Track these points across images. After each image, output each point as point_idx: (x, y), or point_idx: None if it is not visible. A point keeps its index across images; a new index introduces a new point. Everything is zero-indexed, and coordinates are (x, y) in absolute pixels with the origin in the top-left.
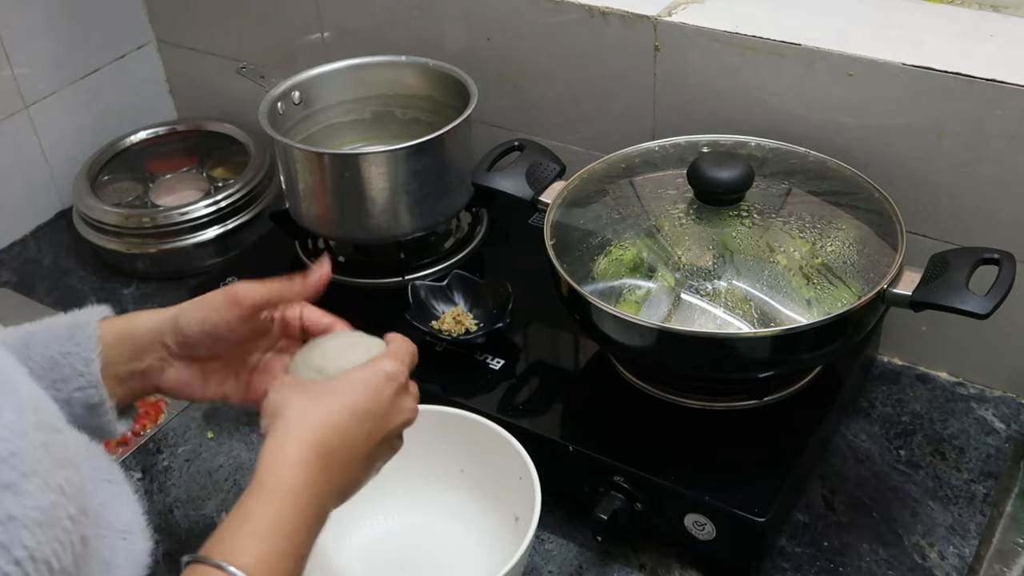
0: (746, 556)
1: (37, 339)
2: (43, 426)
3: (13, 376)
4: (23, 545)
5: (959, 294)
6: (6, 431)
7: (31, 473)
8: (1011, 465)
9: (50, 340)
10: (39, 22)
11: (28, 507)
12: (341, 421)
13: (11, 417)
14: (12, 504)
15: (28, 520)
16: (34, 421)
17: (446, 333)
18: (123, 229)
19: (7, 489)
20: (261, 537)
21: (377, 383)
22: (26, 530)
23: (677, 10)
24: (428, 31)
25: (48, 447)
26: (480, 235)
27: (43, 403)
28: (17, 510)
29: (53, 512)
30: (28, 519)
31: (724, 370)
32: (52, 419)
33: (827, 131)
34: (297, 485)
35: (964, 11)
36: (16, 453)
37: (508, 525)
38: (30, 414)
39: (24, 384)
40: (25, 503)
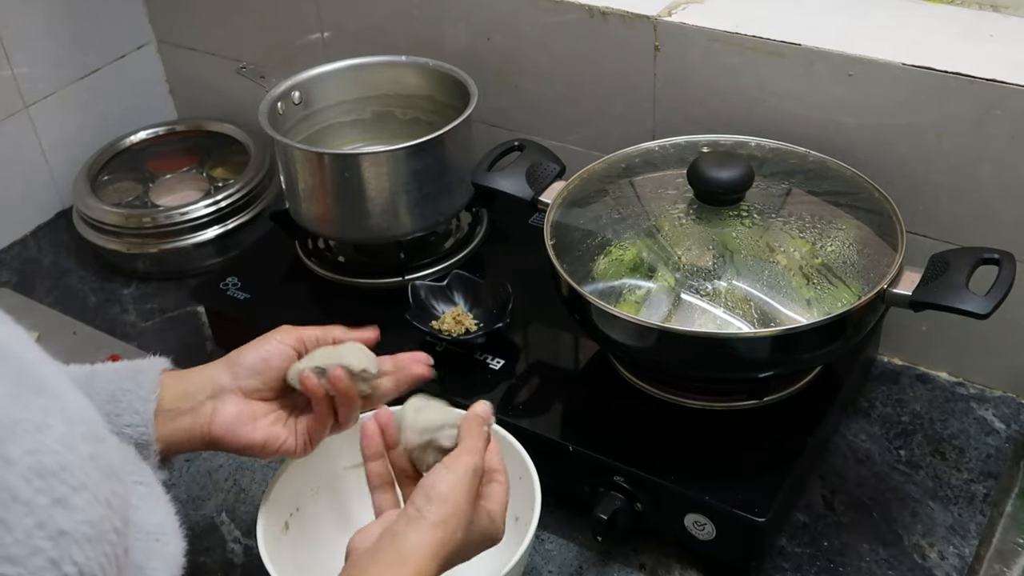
0: (746, 556)
1: (102, 375)
2: (90, 437)
3: (59, 386)
4: (73, 561)
5: (959, 294)
6: (56, 444)
7: (81, 487)
8: (1011, 465)
9: (114, 376)
10: (39, 22)
11: (79, 522)
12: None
13: (61, 429)
14: (63, 519)
15: (78, 535)
16: (82, 432)
17: (446, 333)
18: (123, 229)
19: (58, 504)
20: None
21: (467, 489)
22: (76, 545)
23: (677, 10)
24: (428, 31)
25: (96, 459)
26: (480, 235)
27: (88, 413)
28: (68, 525)
29: (101, 526)
30: (78, 534)
31: (724, 370)
32: (97, 429)
33: (827, 131)
34: None
35: (964, 11)
36: (66, 466)
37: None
38: (78, 424)
39: (70, 394)
40: (76, 518)
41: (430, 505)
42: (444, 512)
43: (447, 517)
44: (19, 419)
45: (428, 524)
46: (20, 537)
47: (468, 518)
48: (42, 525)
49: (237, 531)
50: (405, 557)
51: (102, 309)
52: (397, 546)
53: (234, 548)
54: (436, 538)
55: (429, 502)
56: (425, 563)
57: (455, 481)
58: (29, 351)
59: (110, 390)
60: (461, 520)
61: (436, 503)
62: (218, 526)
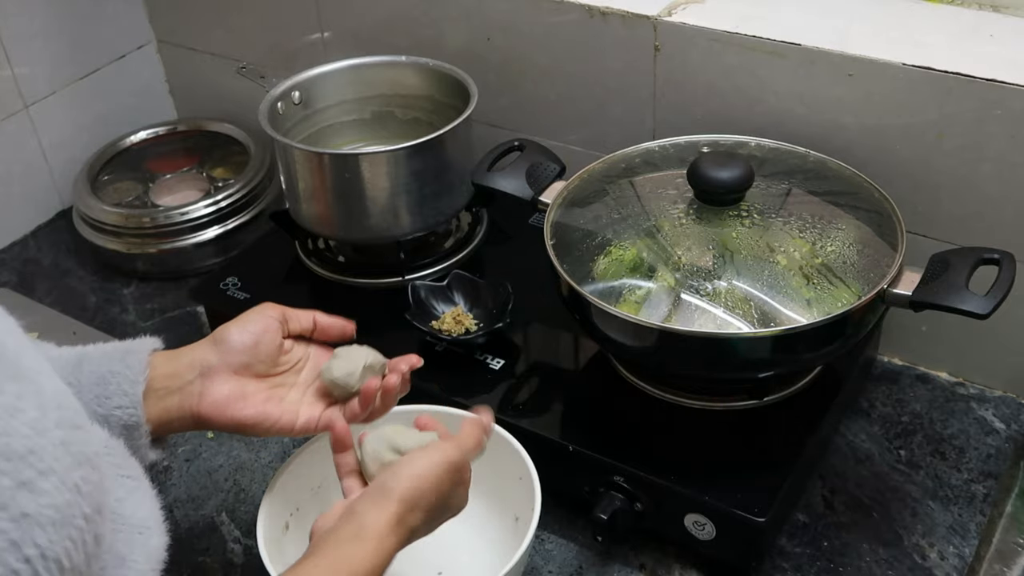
0: (746, 556)
1: (90, 357)
2: (64, 423)
3: (38, 372)
4: (35, 543)
5: (959, 294)
6: (27, 428)
7: (48, 471)
8: (1011, 465)
9: (102, 359)
10: (39, 22)
11: (43, 505)
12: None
13: (33, 414)
14: (27, 502)
15: (42, 518)
16: (55, 418)
17: (446, 333)
18: (123, 229)
19: (23, 487)
20: None
21: (438, 475)
22: (39, 528)
23: (677, 10)
24: (428, 31)
25: (67, 445)
26: (480, 235)
27: (66, 399)
28: (32, 508)
29: (68, 511)
30: (42, 517)
31: (724, 370)
32: (73, 415)
33: (827, 131)
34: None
35: (964, 11)
36: (35, 451)
37: (508, 525)
38: (52, 411)
39: (48, 380)
40: (40, 501)
41: (396, 481)
42: (409, 489)
43: (411, 494)
44: None
45: (390, 500)
46: None
47: (431, 502)
48: (4, 507)
49: (237, 531)
50: (363, 532)
51: (102, 309)
52: (357, 522)
53: (234, 548)
54: (396, 513)
55: (396, 479)
56: (384, 538)
57: (429, 465)
58: (11, 337)
59: (99, 372)
60: (424, 501)
61: (404, 480)
62: (218, 526)
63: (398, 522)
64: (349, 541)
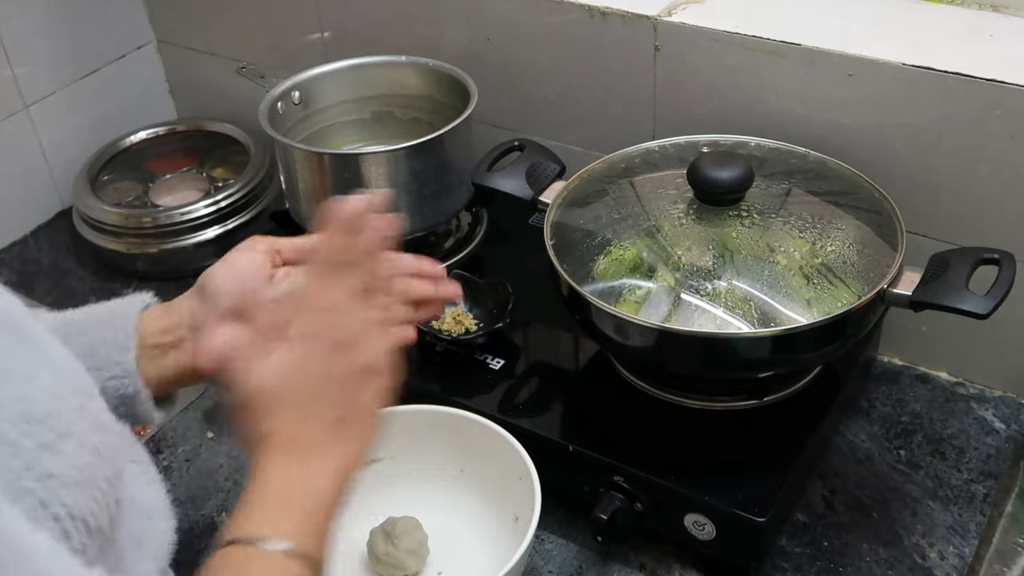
0: (746, 556)
1: (77, 326)
2: (80, 391)
3: (47, 343)
4: (62, 503)
5: (959, 294)
6: (43, 393)
7: (68, 434)
8: (1011, 465)
9: (89, 327)
10: (39, 22)
11: (66, 466)
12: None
13: (48, 379)
14: (51, 463)
15: (67, 479)
16: (71, 385)
17: (446, 333)
18: (123, 229)
19: (46, 449)
20: (264, 506)
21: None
22: (65, 488)
23: (677, 10)
24: (428, 31)
25: (84, 410)
26: (480, 235)
27: (77, 370)
28: (56, 469)
29: (90, 472)
30: (67, 478)
31: (724, 370)
32: (86, 385)
33: (827, 131)
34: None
35: (964, 11)
36: (53, 414)
37: (508, 525)
38: (67, 379)
39: (57, 350)
40: (63, 463)
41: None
42: (256, 390)
43: (259, 396)
44: (9, 368)
45: (270, 445)
46: (8, 477)
47: (290, 390)
48: (30, 467)
49: None
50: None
51: None
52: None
53: None
54: (256, 429)
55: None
56: (262, 465)
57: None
58: (19, 311)
59: (87, 343)
60: (278, 394)
61: (246, 384)
62: (218, 526)
63: (261, 440)
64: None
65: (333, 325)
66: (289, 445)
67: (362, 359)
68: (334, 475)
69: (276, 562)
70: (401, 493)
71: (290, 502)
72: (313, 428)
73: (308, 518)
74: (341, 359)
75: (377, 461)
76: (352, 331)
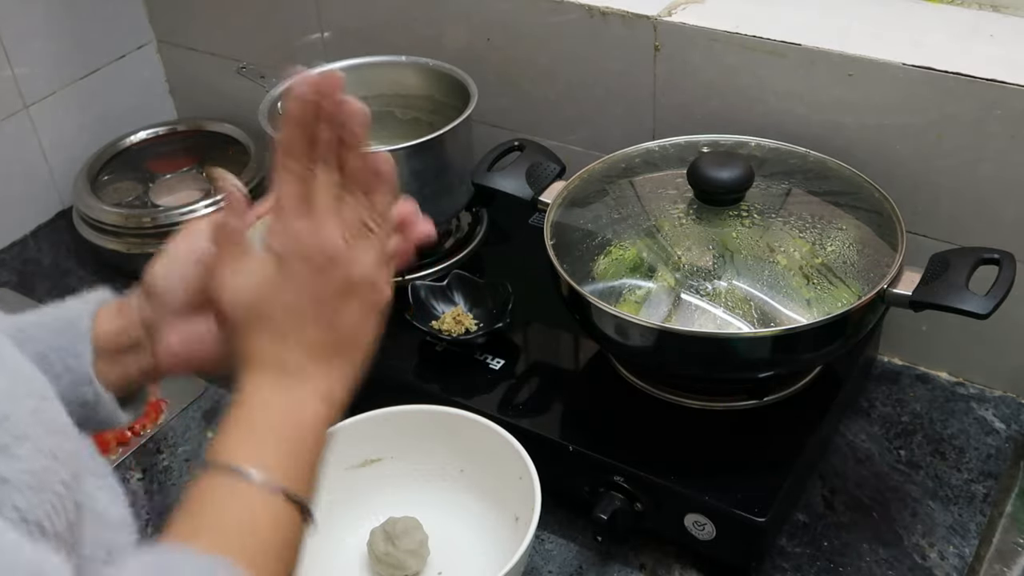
0: (746, 556)
1: (28, 334)
2: (33, 393)
3: (2, 348)
4: (14, 507)
5: (959, 294)
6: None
7: (22, 436)
8: (1011, 465)
9: (41, 335)
10: (39, 22)
11: (19, 470)
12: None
13: (3, 382)
14: (3, 466)
15: (20, 483)
16: (25, 388)
17: (446, 333)
18: (123, 229)
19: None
20: (249, 435)
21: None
22: (18, 492)
23: (677, 10)
24: (428, 31)
25: (39, 413)
26: (480, 235)
27: (32, 373)
28: (8, 472)
29: (45, 476)
30: (20, 482)
31: (724, 370)
32: (41, 388)
33: (827, 131)
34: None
35: (964, 11)
36: (8, 416)
37: (508, 525)
38: (21, 382)
39: (11, 354)
40: (16, 466)
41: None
42: (235, 308)
43: (242, 316)
44: None
45: (253, 368)
46: None
47: (277, 307)
48: None
49: None
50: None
51: None
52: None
53: None
54: (244, 347)
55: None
56: (249, 387)
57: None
58: None
59: (40, 351)
60: (264, 311)
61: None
62: None
63: (244, 361)
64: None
65: (310, 237)
66: (273, 369)
67: (346, 274)
68: (322, 401)
69: (258, 498)
70: (401, 493)
71: (274, 433)
72: (297, 350)
73: (292, 452)
74: (324, 275)
75: (377, 461)
76: (332, 243)
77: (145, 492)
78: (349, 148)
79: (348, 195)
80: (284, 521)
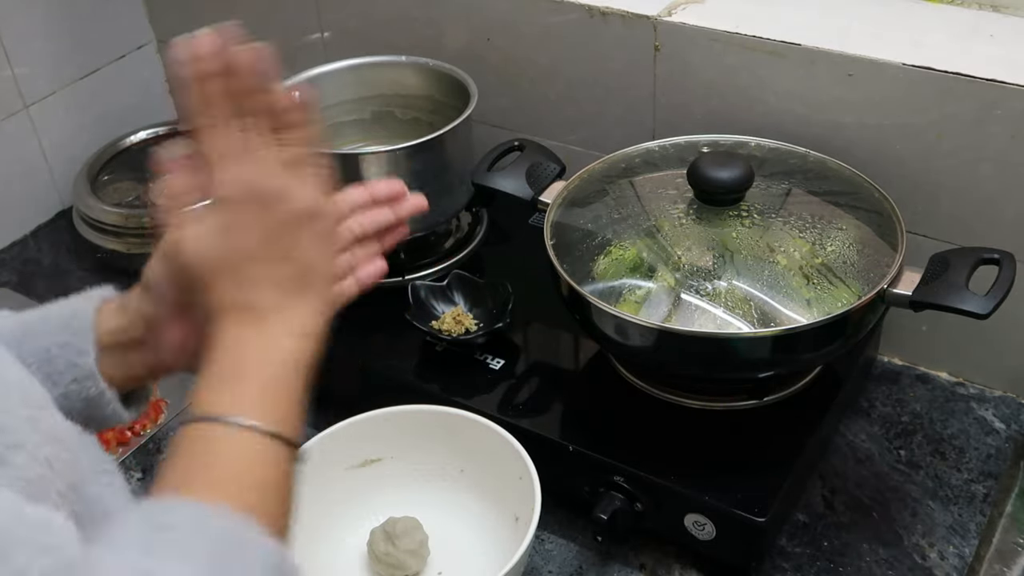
0: (746, 556)
1: (33, 331)
2: (30, 403)
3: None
4: None
5: (959, 294)
6: None
7: (17, 446)
8: (1011, 465)
9: (45, 332)
10: (39, 22)
11: (14, 479)
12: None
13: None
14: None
15: (15, 491)
16: (19, 397)
17: (446, 333)
18: (123, 229)
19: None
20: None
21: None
22: None
23: (677, 10)
24: (428, 31)
25: (34, 422)
26: (480, 235)
27: (29, 384)
28: (2, 482)
29: (41, 485)
30: (15, 490)
31: (724, 370)
32: (38, 399)
33: (827, 131)
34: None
35: (964, 11)
36: (2, 426)
37: (508, 525)
38: (15, 391)
39: (8, 367)
40: (11, 475)
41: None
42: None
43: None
44: None
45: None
46: None
47: (238, 253)
48: None
49: None
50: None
51: None
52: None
53: None
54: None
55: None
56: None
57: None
58: None
59: (43, 347)
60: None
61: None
62: None
63: (215, 312)
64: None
65: (249, 178)
66: (242, 312)
67: (289, 206)
68: (296, 335)
69: (243, 439)
70: (401, 493)
71: (251, 375)
72: (261, 289)
73: (271, 391)
74: (270, 211)
75: (377, 461)
76: (268, 180)
77: (145, 492)
78: (257, 91)
79: (272, 134)
80: (273, 461)
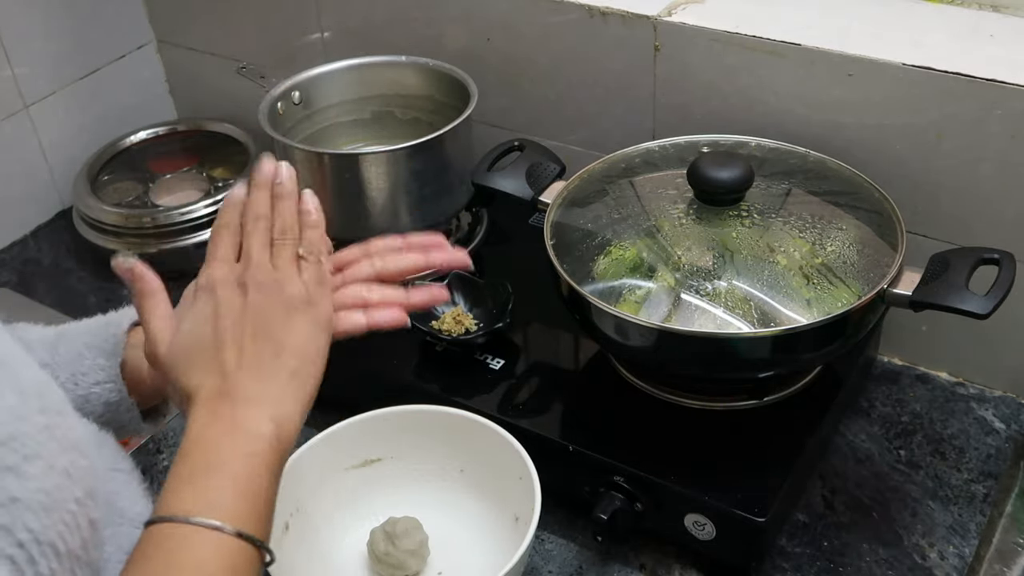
0: (746, 556)
1: (68, 334)
2: (47, 410)
3: (14, 361)
4: (27, 528)
5: (959, 294)
6: (6, 414)
7: (33, 456)
8: (1011, 465)
9: (80, 334)
10: (39, 22)
11: (32, 490)
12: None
13: (13, 400)
14: (14, 486)
15: (32, 503)
16: (37, 405)
17: (446, 333)
18: (123, 229)
19: (9, 471)
20: (189, 480)
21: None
22: (30, 513)
23: (677, 10)
24: (428, 31)
25: (51, 430)
26: (480, 235)
27: (47, 388)
28: (20, 492)
29: (58, 495)
30: (32, 501)
31: (724, 370)
32: (56, 403)
33: (827, 131)
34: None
35: (964, 11)
36: (16, 436)
37: (508, 525)
38: (33, 398)
39: (26, 369)
40: (28, 486)
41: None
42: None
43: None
44: None
45: (196, 403)
46: None
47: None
48: None
49: None
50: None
51: (102, 309)
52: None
53: None
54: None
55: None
56: (195, 424)
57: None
58: None
59: (76, 348)
60: (184, 354)
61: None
62: None
63: (187, 399)
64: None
65: (241, 267)
66: (216, 400)
67: (281, 292)
68: (274, 422)
69: (208, 541)
70: (401, 493)
71: (222, 471)
72: (240, 375)
73: (241, 488)
74: (251, 297)
75: (377, 461)
76: (263, 271)
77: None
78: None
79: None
80: (239, 562)
